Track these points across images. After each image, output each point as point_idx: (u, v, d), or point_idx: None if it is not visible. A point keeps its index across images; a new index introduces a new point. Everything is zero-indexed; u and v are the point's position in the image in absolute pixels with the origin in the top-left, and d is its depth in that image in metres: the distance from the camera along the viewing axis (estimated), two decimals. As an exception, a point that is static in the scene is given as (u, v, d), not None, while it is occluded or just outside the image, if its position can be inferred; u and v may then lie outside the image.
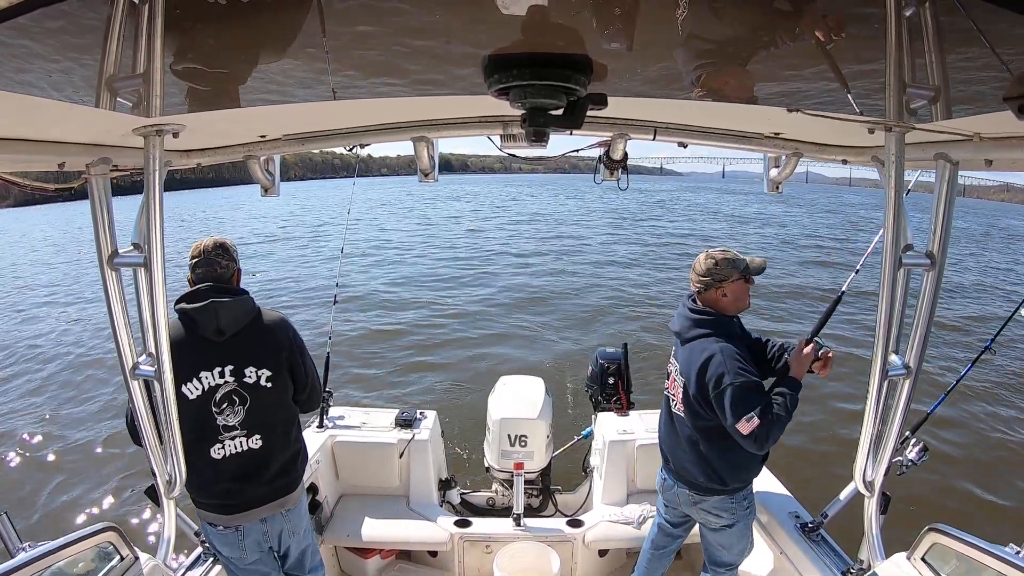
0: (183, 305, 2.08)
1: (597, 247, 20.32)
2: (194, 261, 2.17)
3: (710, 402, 2.26)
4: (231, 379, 2.10)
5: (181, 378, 2.02)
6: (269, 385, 2.16)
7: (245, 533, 2.16)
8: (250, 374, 2.13)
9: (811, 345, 2.32)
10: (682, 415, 2.44)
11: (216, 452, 2.10)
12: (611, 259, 17.79)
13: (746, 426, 2.13)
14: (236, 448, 2.12)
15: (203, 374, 2.07)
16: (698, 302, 2.43)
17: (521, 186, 75.11)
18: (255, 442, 2.15)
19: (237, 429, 2.12)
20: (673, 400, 2.50)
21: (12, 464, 6.03)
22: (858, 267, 3.04)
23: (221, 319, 2.08)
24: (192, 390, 2.06)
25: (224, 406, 2.09)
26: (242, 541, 2.16)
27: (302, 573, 2.41)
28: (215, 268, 2.17)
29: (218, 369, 2.09)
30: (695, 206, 41.18)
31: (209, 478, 2.11)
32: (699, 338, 2.34)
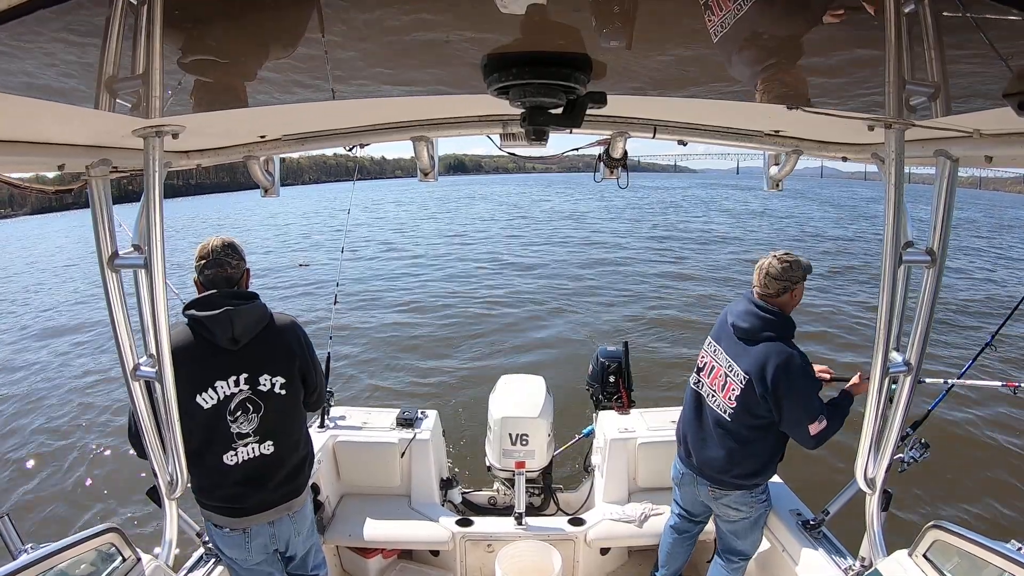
0: (194, 312, 2.02)
1: (601, 245, 20.31)
2: (202, 262, 2.09)
3: (778, 401, 2.31)
4: (245, 387, 2.07)
5: (194, 387, 2.00)
6: (283, 392, 2.13)
7: (252, 535, 2.15)
8: (264, 382, 2.09)
9: None
10: (723, 412, 2.46)
11: (229, 459, 2.07)
12: (615, 257, 17.78)
13: (816, 427, 2.28)
14: (249, 454, 2.10)
15: (218, 383, 2.03)
16: (765, 301, 2.43)
17: (534, 186, 74.70)
18: (267, 448, 2.13)
19: (251, 436, 2.09)
20: (713, 396, 2.50)
21: (14, 465, 6.03)
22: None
23: (236, 327, 2.03)
24: (207, 399, 2.02)
25: (239, 414, 2.06)
26: (249, 543, 2.15)
27: (306, 572, 2.41)
28: (225, 269, 2.10)
29: (233, 378, 2.05)
30: (709, 202, 40.90)
31: (218, 481, 2.09)
32: (771, 340, 2.37)
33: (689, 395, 2.64)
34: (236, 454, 2.08)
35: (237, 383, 2.06)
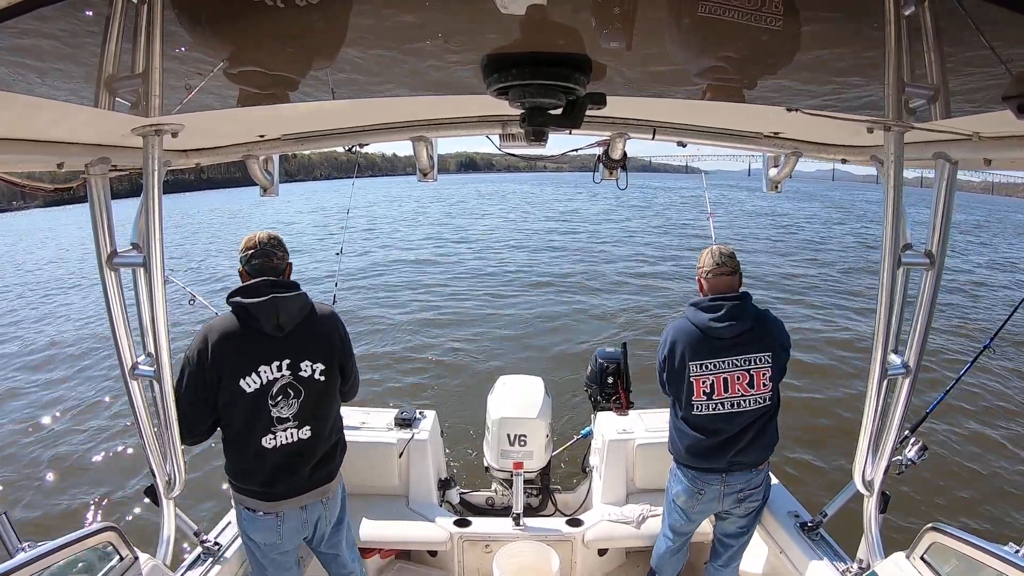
0: (239, 299, 2.10)
1: (603, 244, 20.28)
2: (249, 252, 2.20)
3: (786, 351, 2.52)
4: (287, 373, 2.15)
5: (239, 371, 2.08)
6: (322, 379, 2.22)
7: (284, 519, 2.21)
8: (305, 368, 2.18)
9: None
10: (761, 403, 2.47)
11: (267, 442, 2.14)
12: (616, 256, 17.75)
13: None
14: (287, 439, 2.17)
15: (262, 368, 2.11)
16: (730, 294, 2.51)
17: (546, 185, 74.24)
18: (305, 432, 2.20)
19: (290, 421, 2.16)
20: (744, 399, 2.46)
21: (11, 464, 6.02)
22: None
23: (281, 315, 2.12)
24: (251, 384, 2.09)
25: (279, 399, 2.14)
26: (280, 527, 2.21)
27: (339, 552, 2.46)
28: (271, 259, 2.21)
29: (276, 363, 2.13)
30: (718, 204, 40.65)
31: (256, 465, 2.15)
32: (756, 311, 2.50)
33: (703, 421, 2.52)
34: (275, 437, 2.15)
35: (280, 368, 2.13)
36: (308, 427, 2.20)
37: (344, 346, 2.33)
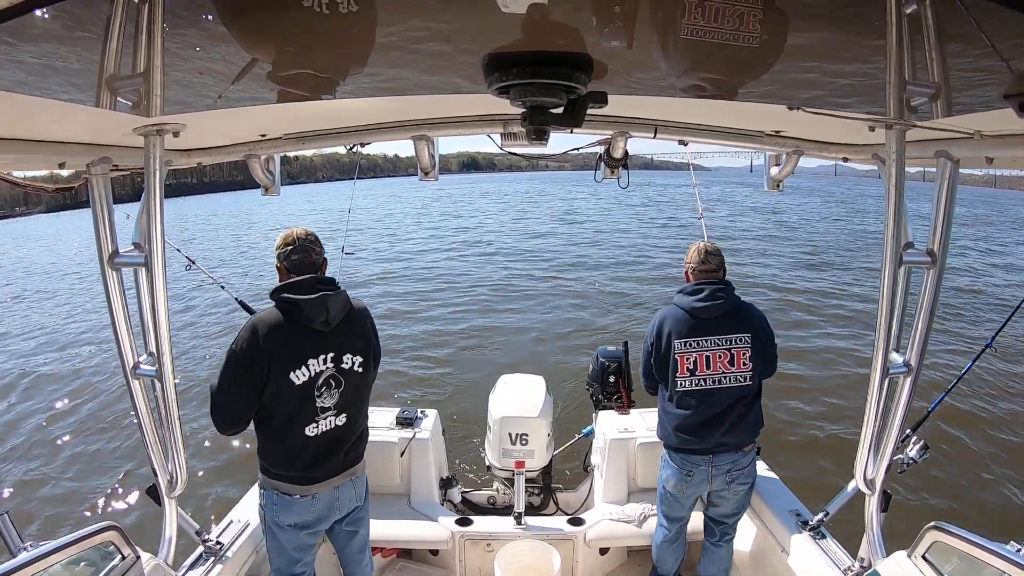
0: (289, 295, 2.17)
1: (604, 246, 20.25)
2: (288, 248, 2.27)
3: (770, 338, 2.68)
4: (331, 365, 2.26)
5: (289, 365, 2.16)
6: (360, 370, 2.34)
7: (318, 499, 2.30)
8: (347, 360, 2.30)
9: None
10: (742, 381, 2.60)
11: (311, 430, 2.23)
12: (617, 256, 17.74)
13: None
14: (327, 426, 2.27)
15: (310, 361, 2.20)
16: (717, 280, 2.68)
17: (548, 184, 73.95)
18: (341, 420, 2.31)
19: (331, 410, 2.28)
20: (725, 376, 2.61)
21: (13, 463, 6.03)
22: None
23: (331, 311, 2.21)
24: (300, 376, 2.18)
25: (323, 389, 2.24)
26: (314, 506, 2.30)
27: (359, 528, 2.54)
28: (310, 255, 2.29)
29: (322, 356, 2.23)
30: (721, 200, 40.47)
31: (298, 454, 2.24)
32: (738, 300, 2.68)
33: (687, 398, 2.64)
34: (317, 426, 2.25)
35: (325, 361, 2.24)
36: (345, 415, 2.31)
37: (377, 340, 2.49)
